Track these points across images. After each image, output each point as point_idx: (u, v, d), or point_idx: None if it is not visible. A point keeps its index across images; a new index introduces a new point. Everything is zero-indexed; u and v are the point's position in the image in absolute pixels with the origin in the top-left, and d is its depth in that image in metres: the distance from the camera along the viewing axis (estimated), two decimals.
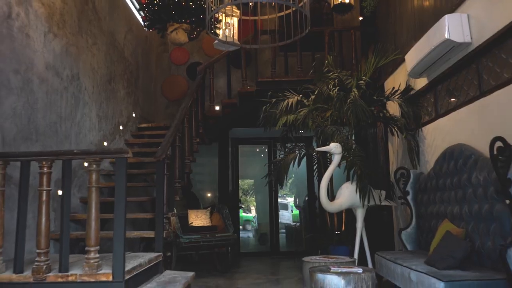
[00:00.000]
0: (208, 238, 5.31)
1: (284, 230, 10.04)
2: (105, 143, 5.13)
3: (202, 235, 5.32)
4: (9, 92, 3.20)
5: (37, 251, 2.61)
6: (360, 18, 6.84)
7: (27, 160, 2.72)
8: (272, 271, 5.76)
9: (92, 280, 2.57)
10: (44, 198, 2.64)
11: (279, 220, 9.00)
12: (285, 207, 12.19)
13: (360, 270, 3.25)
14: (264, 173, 5.75)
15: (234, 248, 6.45)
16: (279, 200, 10.50)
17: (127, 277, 2.64)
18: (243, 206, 10.07)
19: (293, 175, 10.82)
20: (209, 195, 8.81)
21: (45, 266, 2.59)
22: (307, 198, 8.40)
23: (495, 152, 2.79)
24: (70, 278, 2.57)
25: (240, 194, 9.55)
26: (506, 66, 3.16)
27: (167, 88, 7.84)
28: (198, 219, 5.95)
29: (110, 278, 2.57)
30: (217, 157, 7.91)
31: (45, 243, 2.62)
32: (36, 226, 2.64)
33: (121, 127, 5.72)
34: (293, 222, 11.13)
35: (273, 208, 8.32)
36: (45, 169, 2.66)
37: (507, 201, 2.72)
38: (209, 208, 6.27)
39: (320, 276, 3.17)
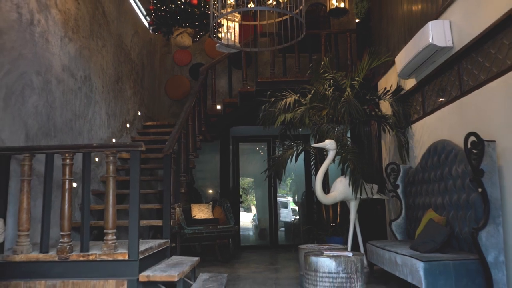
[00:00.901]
0: (211, 229, 5.63)
1: (283, 227, 10.36)
2: (114, 140, 5.45)
3: (205, 226, 5.64)
4: (32, 92, 3.52)
5: (61, 233, 2.94)
6: (357, 21, 7.16)
7: (52, 152, 3.04)
8: (271, 262, 6.08)
9: (110, 259, 2.89)
10: (67, 186, 2.97)
11: (280, 218, 9.37)
12: (285, 205, 12.58)
13: (350, 254, 3.57)
14: (264, 173, 6.08)
15: (235, 240, 6.77)
16: (280, 199, 10.88)
17: (140, 257, 2.96)
18: (242, 201, 10.39)
19: (292, 173, 11.16)
20: (210, 191, 9.15)
21: (68, 247, 2.91)
22: (304, 193, 8.73)
23: (469, 146, 3.11)
24: (90, 257, 2.90)
25: (241, 192, 9.87)
26: (482, 69, 3.49)
27: (171, 88, 8.17)
28: (201, 212, 6.28)
29: (126, 257, 2.89)
30: (218, 155, 8.23)
31: (68, 226, 2.95)
32: (60, 212, 2.97)
33: (128, 125, 6.05)
34: (293, 218, 11.47)
35: (272, 204, 8.64)
36: (67, 160, 3.00)
37: (480, 190, 3.05)
38: (211, 202, 6.59)
39: (313, 259, 3.49)
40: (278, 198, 11.11)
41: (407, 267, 3.34)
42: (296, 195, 11.21)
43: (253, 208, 12.62)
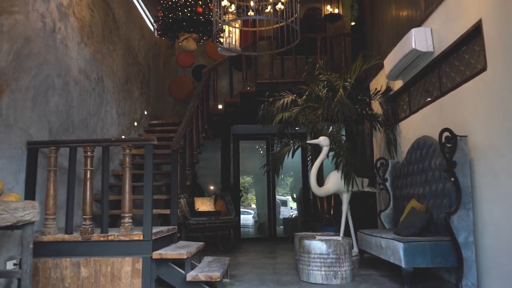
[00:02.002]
0: (213, 220, 6.04)
1: (282, 223, 10.79)
2: (123, 137, 5.85)
3: (207, 218, 6.05)
4: (54, 93, 3.92)
5: (84, 216, 3.35)
6: (353, 24, 7.56)
7: (75, 146, 3.45)
8: (269, 251, 6.48)
9: (127, 239, 3.29)
10: (88, 175, 3.37)
11: (279, 216, 9.81)
12: (285, 203, 13.09)
13: (339, 238, 3.98)
14: (263, 168, 6.48)
15: (235, 231, 7.18)
16: (280, 197, 11.34)
17: (153, 238, 3.36)
18: (242, 195, 10.81)
19: (292, 172, 11.58)
20: (212, 187, 9.55)
21: (90, 228, 3.32)
22: (301, 189, 9.14)
23: (443, 140, 3.52)
24: (110, 238, 3.30)
25: (241, 191, 10.26)
26: (458, 72, 3.89)
27: (174, 88, 8.57)
28: (204, 205, 6.69)
29: (141, 237, 3.30)
30: (219, 152, 8.64)
31: (89, 210, 3.35)
32: (82, 198, 3.38)
33: (135, 123, 6.45)
34: (291, 213, 11.93)
35: (271, 199, 9.04)
36: (88, 153, 3.40)
37: (452, 179, 3.45)
38: (213, 196, 7.01)
39: (306, 242, 3.90)
40: (278, 197, 11.59)
41: (390, 249, 3.74)
42: (294, 193, 11.64)
43: (253, 207, 13.07)
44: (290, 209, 12.84)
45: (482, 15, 3.39)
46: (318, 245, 3.82)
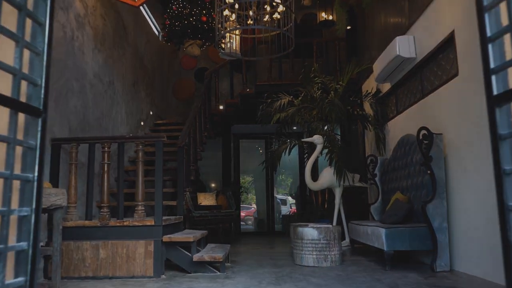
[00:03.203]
0: (215, 213, 6.47)
1: (281, 220, 11.24)
2: (131, 135, 6.27)
3: (210, 211, 6.48)
4: (73, 95, 4.36)
5: (102, 204, 3.78)
6: (348, 27, 7.98)
7: (93, 142, 3.88)
8: (268, 243, 6.91)
9: (141, 224, 3.72)
10: (105, 168, 3.80)
11: (280, 214, 10.29)
12: (285, 202, 13.62)
13: (330, 226, 4.41)
14: (262, 166, 6.91)
15: (236, 224, 7.61)
16: (280, 197, 11.85)
17: (163, 224, 3.79)
18: (243, 192, 11.27)
19: (291, 171, 12.05)
20: (213, 185, 9.98)
21: (107, 215, 3.75)
22: (299, 186, 9.58)
23: (420, 137, 3.95)
24: (125, 223, 3.73)
25: (241, 191, 10.70)
26: (436, 76, 4.32)
27: (177, 89, 9.00)
28: (206, 200, 7.12)
29: (153, 223, 3.72)
30: (220, 151, 9.07)
31: (107, 199, 3.78)
32: (100, 188, 3.81)
33: (142, 123, 6.88)
34: (290, 210, 12.41)
35: (270, 196, 9.47)
36: (106, 148, 3.83)
37: (429, 172, 3.88)
38: (215, 191, 7.44)
39: (300, 229, 4.33)
40: (279, 197, 12.09)
41: (375, 235, 4.17)
42: (293, 191, 12.10)
43: (254, 206, 13.55)
44: (289, 207, 13.37)
45: (455, 26, 3.82)
46: (310, 231, 4.25)
